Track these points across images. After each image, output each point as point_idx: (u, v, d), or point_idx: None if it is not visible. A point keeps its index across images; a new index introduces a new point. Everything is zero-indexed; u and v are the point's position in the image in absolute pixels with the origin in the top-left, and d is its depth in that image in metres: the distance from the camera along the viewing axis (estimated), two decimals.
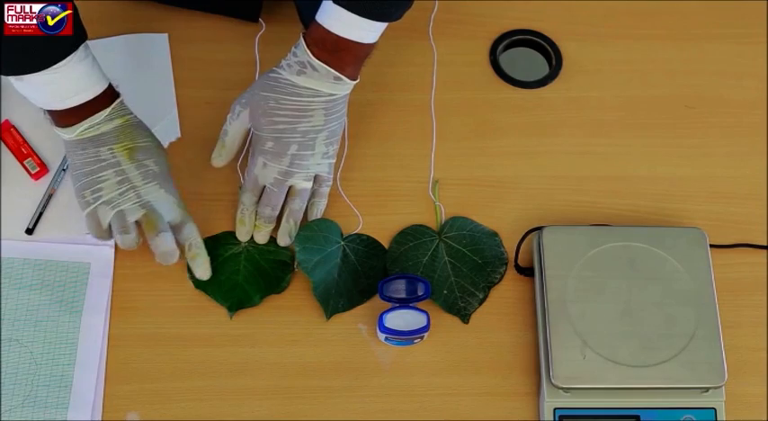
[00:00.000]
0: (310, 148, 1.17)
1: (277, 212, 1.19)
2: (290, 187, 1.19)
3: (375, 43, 1.14)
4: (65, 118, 1.12)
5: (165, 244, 1.14)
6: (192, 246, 1.16)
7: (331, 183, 1.21)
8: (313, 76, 1.14)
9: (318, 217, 1.21)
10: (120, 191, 1.13)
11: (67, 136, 1.13)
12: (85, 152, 1.13)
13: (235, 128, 1.19)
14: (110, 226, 1.15)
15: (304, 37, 1.14)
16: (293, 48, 1.15)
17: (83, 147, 1.13)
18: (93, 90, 1.11)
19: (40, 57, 1.06)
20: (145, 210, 1.14)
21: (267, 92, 1.16)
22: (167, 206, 1.15)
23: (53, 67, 1.07)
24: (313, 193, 1.20)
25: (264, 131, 1.17)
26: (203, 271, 1.17)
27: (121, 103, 1.14)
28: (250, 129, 1.19)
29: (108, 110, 1.13)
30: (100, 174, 1.13)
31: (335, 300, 1.17)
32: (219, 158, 1.22)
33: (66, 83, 1.09)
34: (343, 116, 1.19)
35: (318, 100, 1.15)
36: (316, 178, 1.20)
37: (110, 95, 1.13)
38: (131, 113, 1.15)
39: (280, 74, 1.16)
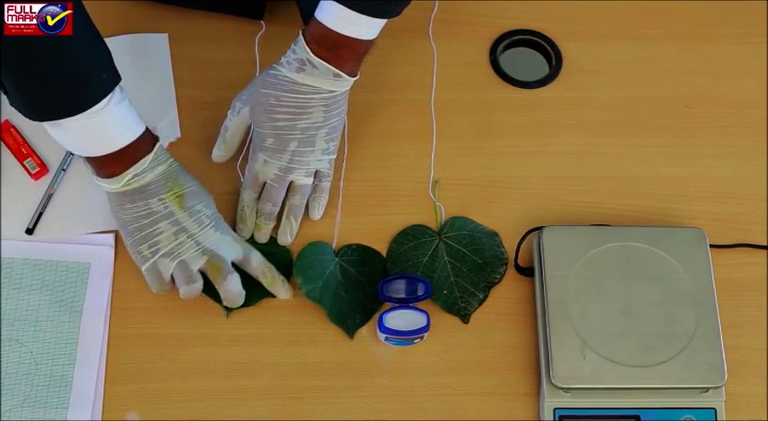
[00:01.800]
0: (310, 145, 1.17)
1: (278, 208, 1.19)
2: (290, 183, 1.19)
3: (374, 40, 1.15)
4: (107, 166, 1.11)
5: (233, 286, 1.13)
6: (266, 273, 1.15)
7: (331, 178, 1.21)
8: (312, 74, 1.15)
9: (321, 213, 1.21)
10: (179, 241, 1.12)
11: (113, 187, 1.11)
12: (135, 206, 1.12)
13: (235, 124, 1.19)
14: (171, 276, 1.13)
15: (303, 34, 1.15)
16: (292, 45, 1.16)
17: (131, 200, 1.12)
18: (132, 133, 1.10)
19: (78, 99, 1.05)
20: (207, 256, 1.12)
21: (267, 89, 1.16)
22: (228, 247, 1.14)
23: (91, 111, 1.05)
24: (314, 189, 1.20)
25: (264, 128, 1.17)
26: (286, 291, 1.16)
27: (161, 147, 1.13)
28: (250, 126, 1.19)
29: (151, 155, 1.11)
30: (154, 228, 1.12)
31: (352, 317, 1.16)
32: (220, 154, 1.22)
33: (104, 126, 1.07)
34: (343, 112, 1.19)
35: (318, 97, 1.16)
36: (316, 174, 1.20)
37: (149, 139, 1.12)
38: (171, 157, 1.14)
39: (279, 71, 1.16)
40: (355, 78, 1.17)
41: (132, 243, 1.13)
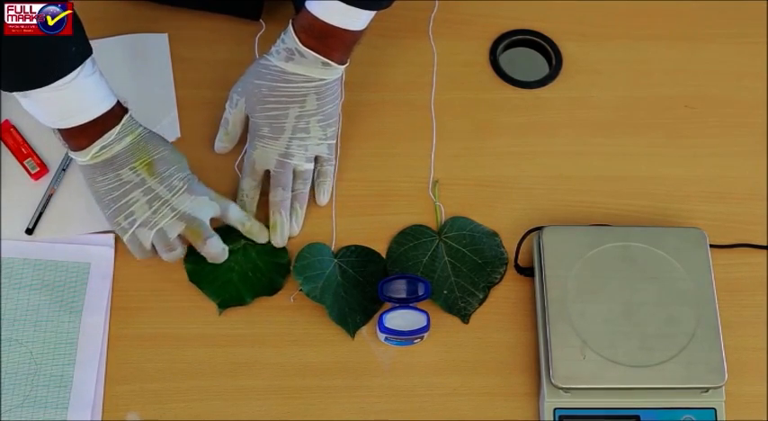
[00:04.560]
0: (305, 132, 1.18)
1: (289, 194, 1.19)
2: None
3: (364, 30, 1.15)
4: (75, 139, 1.11)
5: (214, 248, 1.14)
6: (245, 223, 1.17)
7: (333, 162, 1.22)
8: (301, 63, 1.15)
9: (327, 197, 1.21)
10: (154, 209, 1.13)
11: (82, 159, 1.12)
12: (106, 177, 1.13)
13: (235, 115, 1.21)
14: (152, 244, 1.14)
15: (292, 23, 1.15)
16: (282, 34, 1.17)
17: (102, 173, 1.13)
18: (101, 107, 1.10)
19: (45, 71, 1.05)
20: (184, 221, 1.13)
21: (259, 79, 1.17)
22: (204, 207, 1.15)
23: (59, 83, 1.06)
24: (317, 174, 1.21)
25: (259, 118, 1.18)
26: (262, 236, 1.18)
27: (130, 118, 1.13)
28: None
29: (118, 128, 1.12)
30: (128, 198, 1.13)
31: (353, 317, 1.16)
32: (223, 145, 1.23)
33: (72, 99, 1.08)
34: (337, 98, 1.20)
35: (309, 85, 1.16)
36: (317, 159, 1.20)
37: (118, 112, 1.12)
38: (141, 126, 1.14)
39: (269, 61, 1.17)
40: (345, 66, 1.17)
41: (109, 215, 1.14)
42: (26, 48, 1.04)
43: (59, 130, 1.11)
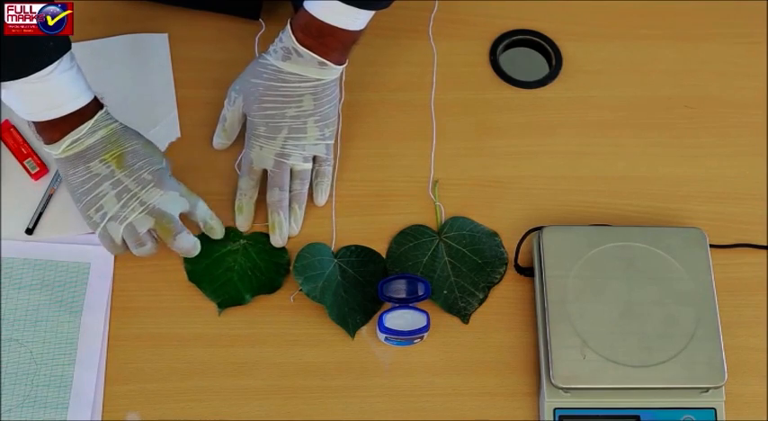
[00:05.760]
0: (302, 132, 1.18)
1: (286, 194, 1.18)
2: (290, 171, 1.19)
3: (362, 30, 1.15)
4: (47, 132, 1.12)
5: (185, 243, 1.14)
6: (207, 222, 1.17)
7: (332, 162, 1.22)
8: (298, 62, 1.15)
9: (324, 198, 1.21)
10: (123, 202, 1.13)
11: (54, 152, 1.13)
12: (77, 170, 1.13)
13: (232, 113, 1.21)
14: (124, 239, 1.14)
15: (290, 22, 1.15)
16: (280, 33, 1.17)
17: (73, 166, 1.13)
18: (76, 102, 1.10)
19: (22, 64, 1.05)
20: (153, 216, 1.13)
21: (256, 78, 1.18)
22: (173, 202, 1.14)
23: (35, 76, 1.06)
24: (315, 174, 1.21)
25: (256, 117, 1.19)
26: (220, 233, 1.18)
27: (105, 114, 1.13)
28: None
29: (90, 122, 1.12)
30: (97, 191, 1.13)
31: (353, 317, 1.16)
32: (221, 141, 1.23)
33: (47, 93, 1.08)
34: (335, 99, 1.20)
35: (305, 85, 1.16)
36: (315, 159, 1.20)
37: (93, 108, 1.13)
38: (116, 121, 1.14)
39: (266, 60, 1.17)
40: (343, 66, 1.17)
41: (82, 208, 1.14)
42: (3, 40, 1.04)
43: (33, 123, 1.12)
